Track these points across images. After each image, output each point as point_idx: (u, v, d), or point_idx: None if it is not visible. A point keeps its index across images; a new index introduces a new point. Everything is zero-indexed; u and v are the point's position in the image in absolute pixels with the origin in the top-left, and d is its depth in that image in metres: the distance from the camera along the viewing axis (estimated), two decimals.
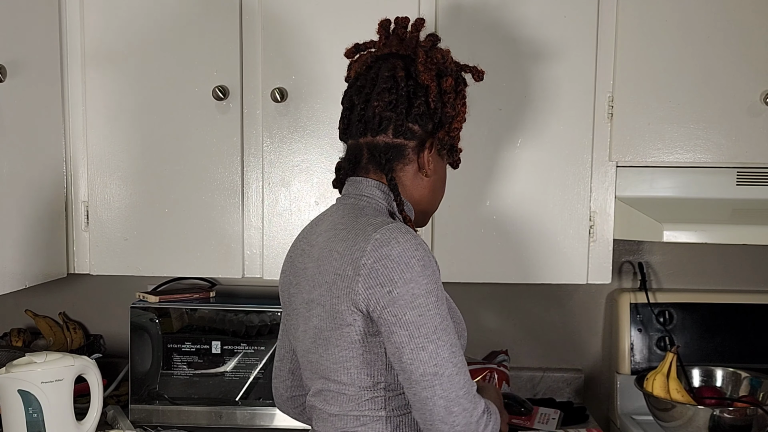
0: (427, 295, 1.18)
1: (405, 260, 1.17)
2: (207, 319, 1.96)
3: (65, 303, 2.28)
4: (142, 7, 1.82)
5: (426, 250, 1.21)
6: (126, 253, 1.87)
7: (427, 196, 1.35)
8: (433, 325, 1.17)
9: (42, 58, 1.79)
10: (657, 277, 2.24)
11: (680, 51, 1.81)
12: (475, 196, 1.84)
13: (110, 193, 1.87)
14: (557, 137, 1.83)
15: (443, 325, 1.18)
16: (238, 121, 1.84)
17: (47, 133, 1.82)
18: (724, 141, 1.82)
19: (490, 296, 2.26)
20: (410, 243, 1.19)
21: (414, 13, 1.79)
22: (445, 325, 1.19)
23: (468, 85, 1.38)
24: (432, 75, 1.30)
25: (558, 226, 1.85)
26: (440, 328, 1.18)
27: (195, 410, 1.96)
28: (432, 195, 1.36)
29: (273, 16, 1.82)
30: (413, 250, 1.18)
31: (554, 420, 2.01)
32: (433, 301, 1.18)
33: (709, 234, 1.73)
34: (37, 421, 1.66)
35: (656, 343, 2.13)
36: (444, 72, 1.32)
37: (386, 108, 1.28)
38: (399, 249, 1.18)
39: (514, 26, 1.81)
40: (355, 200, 1.31)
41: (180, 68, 1.83)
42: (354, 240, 1.21)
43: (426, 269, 1.18)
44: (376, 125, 1.29)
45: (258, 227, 1.86)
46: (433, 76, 1.30)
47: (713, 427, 1.78)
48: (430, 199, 1.37)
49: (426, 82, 1.29)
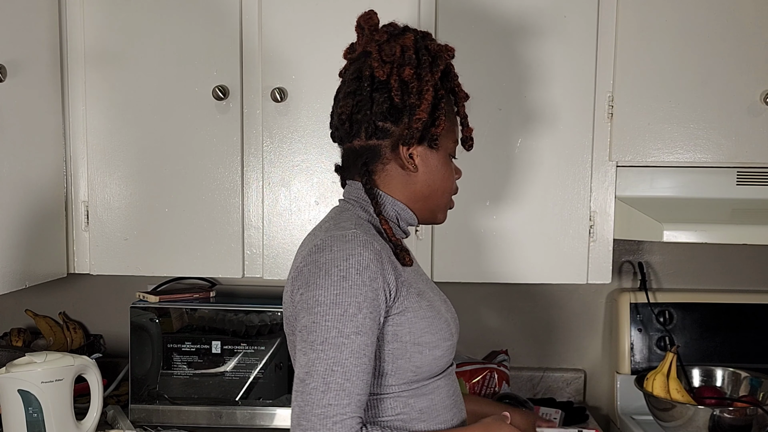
0: (332, 305, 1.15)
1: (327, 268, 1.17)
2: (207, 319, 1.96)
3: (65, 303, 2.28)
4: (142, 7, 1.82)
5: (362, 264, 1.16)
6: (126, 253, 1.87)
7: (424, 191, 1.31)
8: (323, 337, 1.14)
9: (42, 58, 1.79)
10: (657, 277, 2.24)
11: (680, 51, 1.81)
12: (475, 196, 1.84)
13: (110, 193, 1.87)
14: (557, 137, 1.83)
15: (338, 341, 1.14)
16: (238, 120, 1.84)
17: (47, 133, 1.82)
18: (724, 141, 1.82)
19: (490, 296, 2.26)
20: (343, 253, 1.17)
21: (414, 12, 1.80)
22: (341, 342, 1.14)
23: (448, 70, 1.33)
24: (387, 69, 1.25)
25: (558, 226, 1.85)
26: (331, 343, 1.14)
27: (195, 410, 1.96)
28: (429, 189, 1.31)
29: (273, 16, 1.82)
30: (341, 260, 1.16)
31: (555, 420, 2.01)
32: (336, 313, 1.14)
33: (709, 234, 1.72)
34: (37, 420, 1.66)
35: (656, 343, 2.13)
36: (403, 63, 1.26)
37: (353, 112, 1.27)
38: (328, 257, 1.17)
39: (514, 26, 1.81)
40: (343, 203, 1.33)
41: (180, 68, 1.83)
42: (304, 246, 1.26)
43: (345, 281, 1.15)
44: (347, 130, 1.29)
45: (258, 227, 1.86)
46: (390, 69, 1.26)
47: (713, 427, 1.78)
48: (429, 194, 1.32)
49: (382, 77, 1.25)
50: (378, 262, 1.18)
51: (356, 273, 1.16)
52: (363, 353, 1.15)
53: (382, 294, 1.18)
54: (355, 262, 1.16)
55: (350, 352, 1.14)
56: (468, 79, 1.80)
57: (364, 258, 1.17)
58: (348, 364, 1.14)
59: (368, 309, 1.16)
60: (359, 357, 1.15)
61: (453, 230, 1.84)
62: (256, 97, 1.83)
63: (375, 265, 1.18)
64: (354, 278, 1.16)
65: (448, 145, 1.32)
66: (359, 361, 1.15)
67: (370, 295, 1.17)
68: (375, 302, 1.17)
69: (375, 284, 1.17)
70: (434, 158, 1.30)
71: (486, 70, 1.82)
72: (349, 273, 1.16)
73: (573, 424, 2.06)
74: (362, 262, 1.17)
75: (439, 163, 1.31)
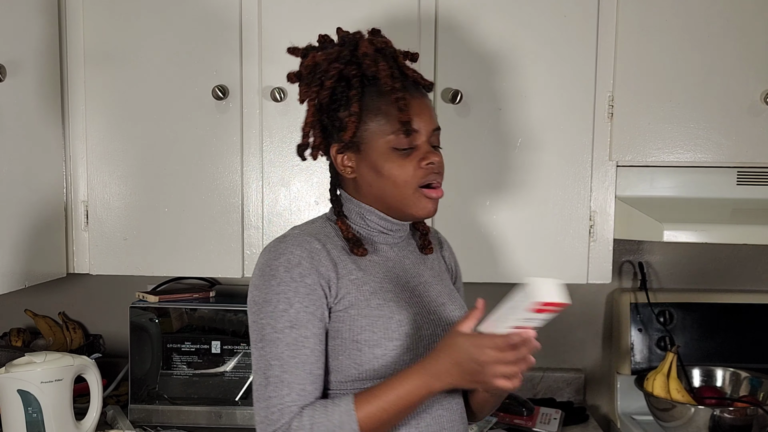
0: (264, 303, 1.21)
1: (260, 268, 1.23)
2: (207, 319, 1.96)
3: (65, 303, 2.28)
4: (142, 7, 1.82)
5: (292, 262, 1.21)
6: (126, 253, 1.87)
7: (375, 192, 1.29)
8: (260, 335, 1.21)
9: (42, 58, 1.79)
10: (657, 277, 2.24)
11: (680, 51, 1.81)
12: (475, 196, 1.84)
13: (110, 193, 1.87)
14: (557, 137, 1.83)
15: (273, 337, 1.19)
16: (238, 120, 1.84)
17: (47, 133, 1.82)
18: (724, 141, 1.82)
19: (491, 296, 2.24)
20: (274, 253, 1.23)
21: (414, 11, 1.80)
22: (275, 338, 1.19)
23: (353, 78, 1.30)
24: (302, 90, 1.31)
25: (558, 226, 1.85)
26: (268, 339, 1.20)
27: (195, 410, 1.96)
28: (379, 189, 1.29)
29: (272, 15, 1.82)
30: (273, 260, 1.22)
31: (556, 420, 2.01)
32: (267, 311, 1.20)
33: (709, 234, 1.72)
34: (37, 421, 1.66)
35: (656, 343, 2.13)
36: (301, 83, 1.32)
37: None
38: (264, 258, 1.24)
39: (514, 26, 1.81)
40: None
41: (180, 68, 1.83)
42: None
43: (274, 279, 1.20)
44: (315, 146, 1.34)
45: (258, 227, 1.86)
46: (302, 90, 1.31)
47: (713, 427, 1.78)
48: (381, 194, 1.29)
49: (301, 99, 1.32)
50: (310, 259, 1.22)
51: (285, 270, 1.21)
52: (301, 345, 1.20)
53: (319, 289, 1.22)
54: (285, 260, 1.21)
55: (285, 345, 1.19)
56: (468, 79, 1.81)
57: (295, 255, 1.22)
58: (285, 357, 1.19)
59: (301, 303, 1.20)
60: (296, 349, 1.19)
61: (453, 230, 1.83)
62: (256, 97, 1.83)
63: (307, 262, 1.21)
64: (282, 275, 1.20)
65: (383, 140, 1.27)
66: (297, 353, 1.19)
67: (302, 290, 1.20)
68: (310, 297, 1.21)
69: (307, 280, 1.21)
70: (368, 158, 1.28)
71: (486, 69, 1.82)
72: (278, 271, 1.21)
73: (573, 424, 2.06)
74: (292, 260, 1.21)
75: (378, 161, 1.27)
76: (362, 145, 1.28)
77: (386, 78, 1.25)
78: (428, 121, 1.28)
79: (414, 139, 1.26)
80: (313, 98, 1.30)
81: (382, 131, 1.26)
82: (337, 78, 1.27)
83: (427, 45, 1.80)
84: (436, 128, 1.30)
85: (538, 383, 2.25)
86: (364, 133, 1.27)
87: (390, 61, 1.28)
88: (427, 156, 1.27)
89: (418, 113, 1.26)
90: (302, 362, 1.19)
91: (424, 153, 1.27)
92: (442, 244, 1.50)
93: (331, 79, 1.27)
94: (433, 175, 1.27)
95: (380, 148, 1.26)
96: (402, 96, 1.24)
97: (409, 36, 1.79)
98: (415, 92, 1.29)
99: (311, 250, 1.23)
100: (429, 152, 1.27)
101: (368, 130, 1.27)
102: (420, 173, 1.26)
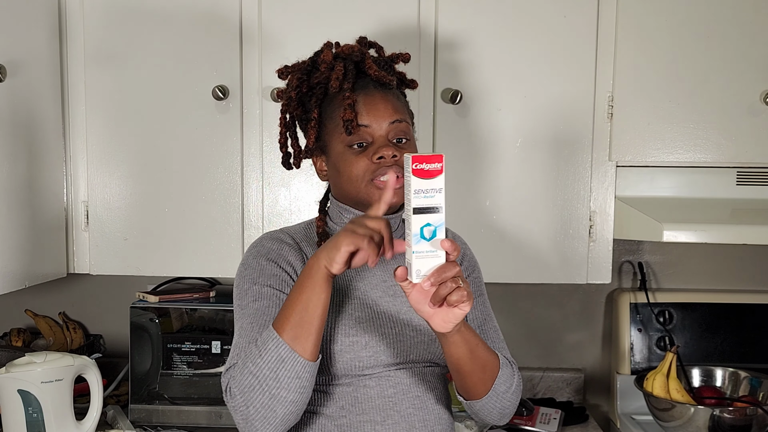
0: (235, 288, 1.32)
1: (242, 259, 1.35)
2: (207, 319, 1.96)
3: (65, 303, 2.28)
4: (142, 7, 1.82)
5: (261, 252, 1.31)
6: (126, 253, 1.87)
7: (339, 192, 1.35)
8: (241, 307, 1.29)
9: (42, 58, 1.79)
10: (657, 277, 2.24)
11: (680, 51, 1.81)
12: (475, 196, 1.84)
13: (110, 193, 1.87)
14: (557, 137, 1.83)
15: (240, 313, 1.28)
16: (238, 120, 1.84)
17: (47, 133, 1.82)
18: (724, 141, 1.82)
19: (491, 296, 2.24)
20: (251, 248, 1.35)
21: (414, 11, 1.80)
22: (242, 314, 1.28)
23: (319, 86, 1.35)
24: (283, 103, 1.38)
25: (558, 226, 1.85)
26: (237, 318, 1.29)
27: (195, 410, 1.96)
28: (337, 189, 1.36)
29: (272, 16, 1.82)
30: (247, 254, 1.34)
31: (555, 420, 2.01)
32: (237, 294, 1.31)
33: (709, 234, 1.73)
34: (37, 420, 1.66)
35: (656, 343, 2.13)
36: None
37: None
38: (246, 252, 1.36)
39: (514, 26, 1.81)
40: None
41: (180, 68, 1.83)
42: None
43: (244, 266, 1.32)
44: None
45: (258, 227, 1.86)
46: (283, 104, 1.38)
47: (713, 427, 1.78)
48: (344, 194, 1.33)
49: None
50: (279, 250, 1.31)
51: (253, 258, 1.32)
52: (261, 313, 1.25)
53: (283, 273, 1.29)
54: (255, 251, 1.33)
55: (248, 316, 1.26)
56: (468, 79, 1.81)
57: (264, 247, 1.32)
58: (245, 326, 1.25)
59: (265, 281, 1.27)
60: (256, 317, 1.25)
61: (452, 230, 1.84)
62: (256, 97, 1.83)
63: (275, 252, 1.31)
64: (251, 262, 1.31)
65: (338, 140, 1.30)
66: (255, 320, 1.24)
67: (267, 271, 1.29)
68: (274, 277, 1.28)
69: (271, 265, 1.29)
70: (331, 160, 1.33)
71: (486, 69, 1.82)
72: (248, 260, 1.32)
73: (573, 424, 2.06)
74: (261, 250, 1.32)
75: (337, 160, 1.32)
76: (326, 148, 1.34)
77: (334, 80, 1.30)
78: (382, 114, 1.29)
79: (366, 135, 1.28)
80: (284, 110, 1.37)
81: (337, 131, 1.30)
82: (302, 88, 1.34)
83: (427, 45, 1.80)
84: (395, 120, 1.29)
85: (538, 383, 2.25)
86: (325, 136, 1.33)
87: (350, 64, 1.32)
88: (379, 150, 1.27)
89: (368, 109, 1.29)
90: (260, 327, 1.23)
91: (377, 147, 1.27)
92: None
93: (294, 90, 1.34)
94: (384, 169, 1.26)
95: (337, 148, 1.31)
96: (347, 96, 1.27)
97: (410, 36, 1.79)
98: (372, 90, 1.31)
99: (282, 242, 1.33)
100: (382, 146, 1.27)
101: (328, 133, 1.32)
102: (372, 167, 1.27)
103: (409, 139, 1.32)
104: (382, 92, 1.32)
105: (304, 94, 1.35)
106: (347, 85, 1.29)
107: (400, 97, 1.37)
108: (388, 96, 1.32)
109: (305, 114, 1.36)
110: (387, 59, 1.39)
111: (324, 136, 1.33)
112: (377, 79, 1.32)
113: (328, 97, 1.33)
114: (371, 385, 1.28)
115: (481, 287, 1.47)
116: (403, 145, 1.30)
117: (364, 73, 1.33)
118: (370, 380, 1.28)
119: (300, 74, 1.34)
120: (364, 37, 1.40)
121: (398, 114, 1.31)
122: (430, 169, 1.09)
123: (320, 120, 1.33)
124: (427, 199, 1.09)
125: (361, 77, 1.33)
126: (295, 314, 1.15)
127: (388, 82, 1.34)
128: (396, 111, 1.31)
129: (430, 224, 1.09)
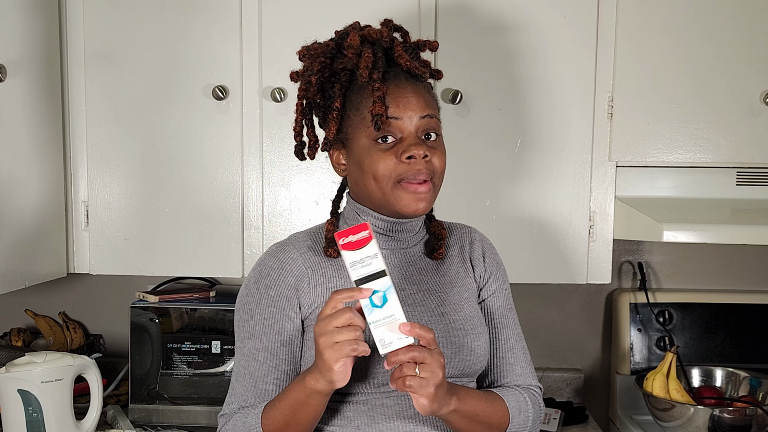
0: (236, 313, 1.27)
1: (245, 278, 1.31)
2: (207, 319, 1.96)
3: (65, 303, 2.28)
4: (142, 7, 1.82)
5: (263, 273, 1.25)
6: (126, 253, 1.87)
7: (360, 190, 1.25)
8: (239, 340, 1.26)
9: (42, 58, 1.79)
10: (657, 277, 2.24)
11: (680, 51, 1.81)
12: (475, 196, 1.84)
13: (110, 193, 1.87)
14: (557, 137, 1.83)
15: (237, 345, 1.26)
16: (238, 120, 1.84)
17: (47, 133, 1.82)
18: (724, 141, 1.82)
19: None
20: (257, 263, 1.29)
21: (414, 9, 1.80)
22: (238, 347, 1.25)
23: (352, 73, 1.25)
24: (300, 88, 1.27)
25: (558, 226, 1.85)
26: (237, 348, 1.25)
27: (195, 410, 1.96)
28: (358, 187, 1.25)
29: (272, 15, 1.82)
30: (252, 270, 1.28)
31: (555, 420, 2.01)
32: (236, 320, 1.27)
33: (709, 234, 1.73)
34: (37, 420, 1.66)
35: (656, 343, 2.13)
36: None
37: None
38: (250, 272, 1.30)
39: (514, 25, 1.81)
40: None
41: (180, 68, 1.83)
42: None
43: (246, 289, 1.26)
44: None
45: (258, 227, 1.86)
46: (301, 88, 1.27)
47: (713, 427, 1.78)
48: (365, 193, 1.23)
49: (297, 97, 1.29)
50: (279, 270, 1.24)
51: (254, 282, 1.26)
52: (252, 357, 1.22)
53: (282, 300, 1.23)
54: (257, 271, 1.27)
55: (242, 355, 1.24)
56: (468, 79, 1.81)
57: (266, 267, 1.26)
58: (239, 366, 1.24)
59: (261, 315, 1.23)
60: (248, 360, 1.23)
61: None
62: (256, 97, 1.83)
63: (275, 273, 1.24)
64: (252, 287, 1.26)
65: (364, 134, 1.21)
66: (247, 364, 1.22)
67: (264, 302, 1.23)
68: (270, 309, 1.22)
69: (271, 291, 1.23)
70: (353, 154, 1.23)
71: (486, 69, 1.82)
72: (249, 282, 1.27)
73: (572, 423, 2.06)
74: (263, 271, 1.25)
75: (361, 155, 1.21)
76: (348, 141, 1.23)
77: (363, 69, 1.17)
78: (414, 108, 1.19)
79: (396, 130, 1.19)
80: (302, 96, 1.25)
81: (363, 124, 1.20)
82: (324, 73, 1.22)
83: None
84: (426, 115, 1.20)
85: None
86: (348, 128, 1.22)
87: (378, 50, 1.20)
88: (409, 149, 1.17)
89: (398, 102, 1.18)
90: (250, 374, 1.21)
91: (407, 145, 1.18)
92: (472, 245, 1.39)
93: (315, 74, 1.22)
94: (414, 171, 1.18)
95: (362, 143, 1.20)
96: (377, 86, 1.16)
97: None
98: (403, 81, 1.21)
99: (283, 261, 1.25)
100: (412, 144, 1.18)
101: (352, 125, 1.22)
102: (401, 167, 1.18)
103: (438, 135, 1.23)
104: (414, 84, 1.21)
105: (326, 80, 1.23)
106: (377, 75, 1.16)
107: (430, 89, 1.26)
108: (419, 88, 1.22)
109: (326, 101, 1.25)
110: (413, 45, 1.27)
111: (346, 127, 1.22)
112: (408, 69, 1.21)
113: (353, 86, 1.22)
114: (389, 405, 1.20)
115: (508, 300, 1.38)
116: (432, 142, 1.21)
117: (394, 61, 1.22)
118: (389, 399, 1.20)
119: (323, 57, 1.22)
120: (390, 20, 1.29)
121: (429, 108, 1.21)
122: (358, 239, 1.09)
123: (343, 110, 1.22)
124: (365, 268, 1.08)
125: (390, 66, 1.22)
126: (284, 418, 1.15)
127: (421, 73, 1.22)
128: (427, 105, 1.21)
129: (377, 291, 1.08)
